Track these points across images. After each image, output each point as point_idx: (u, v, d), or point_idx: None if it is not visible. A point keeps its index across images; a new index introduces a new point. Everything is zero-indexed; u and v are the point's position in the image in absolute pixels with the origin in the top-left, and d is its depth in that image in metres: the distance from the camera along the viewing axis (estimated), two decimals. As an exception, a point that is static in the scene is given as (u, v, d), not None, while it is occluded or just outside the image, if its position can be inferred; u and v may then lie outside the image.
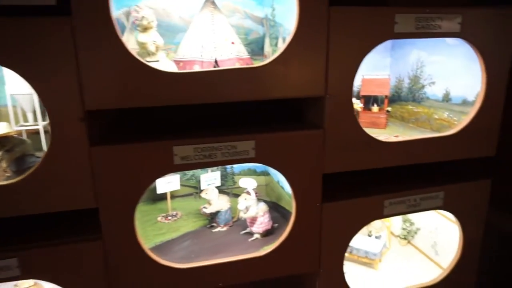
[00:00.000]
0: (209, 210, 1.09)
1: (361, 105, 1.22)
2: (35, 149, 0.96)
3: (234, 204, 1.10)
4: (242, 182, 1.07)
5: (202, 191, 1.11)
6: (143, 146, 0.77)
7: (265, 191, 1.24)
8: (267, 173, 1.25)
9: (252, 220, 1.03)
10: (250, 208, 1.03)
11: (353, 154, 0.90)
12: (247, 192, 1.05)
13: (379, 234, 1.28)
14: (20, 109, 1.01)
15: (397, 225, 1.37)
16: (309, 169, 0.88)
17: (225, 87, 0.79)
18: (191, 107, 0.81)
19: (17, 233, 0.83)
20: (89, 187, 0.75)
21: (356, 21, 0.83)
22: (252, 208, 1.03)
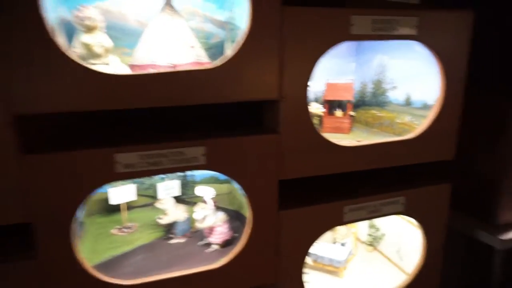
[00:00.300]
0: (164, 221, 1.04)
1: (324, 109, 1.21)
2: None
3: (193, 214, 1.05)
4: (198, 191, 1.03)
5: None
6: (79, 154, 0.71)
7: (227, 199, 1.20)
8: (230, 181, 1.20)
9: (210, 230, 0.99)
10: (207, 218, 0.99)
11: (310, 159, 0.87)
12: (204, 201, 1.00)
13: (345, 241, 1.26)
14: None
15: (363, 231, 1.35)
16: (264, 175, 0.84)
17: (173, 90, 0.74)
18: (144, 111, 0.76)
19: None
20: (19, 200, 0.69)
21: (311, 22, 0.80)
22: (210, 218, 0.99)
